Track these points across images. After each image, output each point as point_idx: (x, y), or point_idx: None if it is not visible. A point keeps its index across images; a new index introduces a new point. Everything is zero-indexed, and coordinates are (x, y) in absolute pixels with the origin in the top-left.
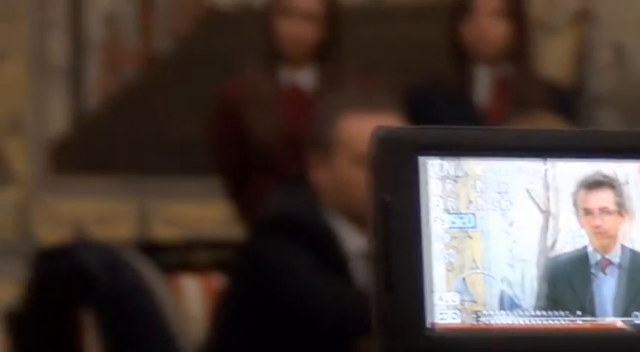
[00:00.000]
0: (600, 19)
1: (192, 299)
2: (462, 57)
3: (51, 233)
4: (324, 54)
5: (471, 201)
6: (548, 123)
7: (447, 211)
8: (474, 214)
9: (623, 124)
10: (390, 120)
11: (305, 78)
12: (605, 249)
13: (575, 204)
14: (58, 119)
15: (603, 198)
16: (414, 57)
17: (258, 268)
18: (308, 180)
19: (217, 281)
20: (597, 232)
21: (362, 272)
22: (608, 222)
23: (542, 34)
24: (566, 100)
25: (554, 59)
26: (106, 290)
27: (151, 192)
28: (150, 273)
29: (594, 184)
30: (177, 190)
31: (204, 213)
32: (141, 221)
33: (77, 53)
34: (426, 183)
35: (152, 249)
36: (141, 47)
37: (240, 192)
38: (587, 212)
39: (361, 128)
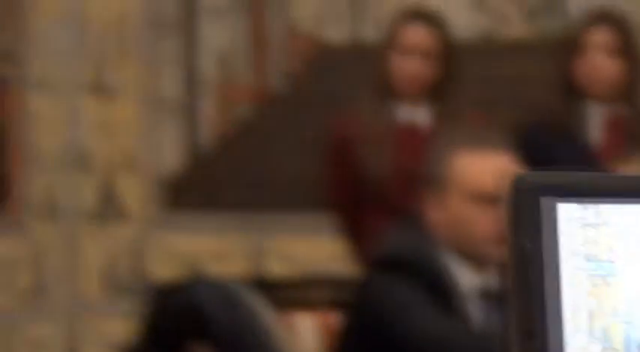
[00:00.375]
0: None
1: (306, 336)
2: (573, 94)
3: (165, 270)
4: (438, 91)
5: (611, 248)
6: None
7: (587, 258)
8: (614, 262)
9: None
10: (504, 159)
11: (419, 115)
12: None
13: None
14: (171, 156)
15: None
16: (527, 93)
17: (373, 305)
18: (422, 217)
19: (332, 318)
20: None
21: (476, 311)
22: None
23: None
24: None
25: None
26: (221, 327)
27: (265, 228)
28: (264, 310)
29: None
30: (291, 226)
31: (318, 249)
32: (255, 257)
33: (191, 90)
34: (566, 229)
35: (266, 286)
36: (254, 84)
37: (354, 228)
38: None
39: (475, 166)
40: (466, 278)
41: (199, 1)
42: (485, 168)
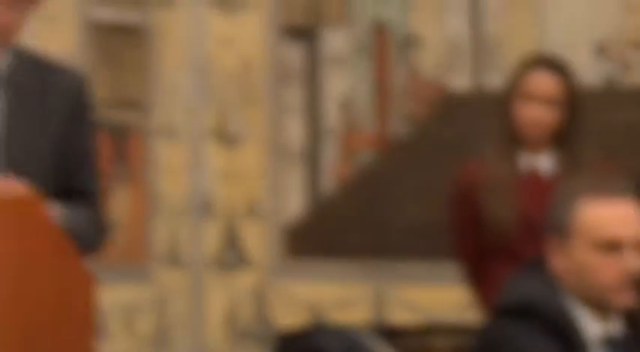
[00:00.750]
0: None
1: None
2: None
3: (287, 316)
4: (562, 138)
5: None
6: None
7: None
8: None
9: None
10: (629, 206)
11: (544, 163)
12: None
13: None
14: (294, 203)
15: None
16: None
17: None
18: (547, 265)
19: None
20: None
21: None
22: None
23: None
24: None
25: None
26: None
27: (387, 275)
28: None
29: None
30: (413, 274)
31: (440, 297)
32: (377, 305)
33: (314, 137)
34: None
35: (390, 334)
36: (376, 131)
37: (478, 276)
38: None
39: (600, 214)
40: (590, 327)
41: (322, 49)
42: (609, 215)
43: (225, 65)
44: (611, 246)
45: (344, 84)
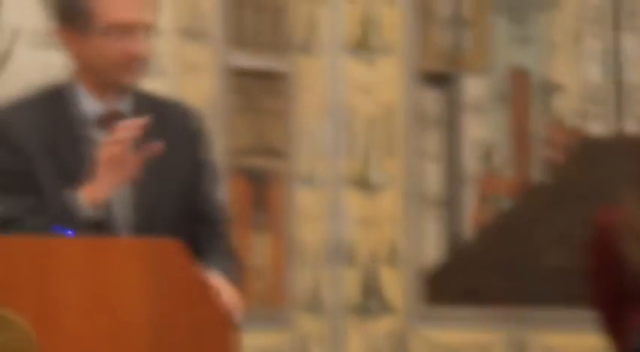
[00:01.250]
0: None
1: None
2: None
3: None
4: None
5: None
6: None
7: None
8: None
9: None
10: None
11: None
12: None
13: None
14: (432, 249)
15: None
16: None
17: None
18: None
19: None
20: None
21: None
22: None
23: None
24: None
25: None
26: None
27: (524, 321)
28: None
29: None
30: (550, 320)
31: (577, 343)
32: (516, 351)
33: (452, 184)
34: None
35: None
36: (515, 177)
37: (615, 323)
38: None
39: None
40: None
41: (461, 96)
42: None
43: (364, 111)
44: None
45: (482, 130)
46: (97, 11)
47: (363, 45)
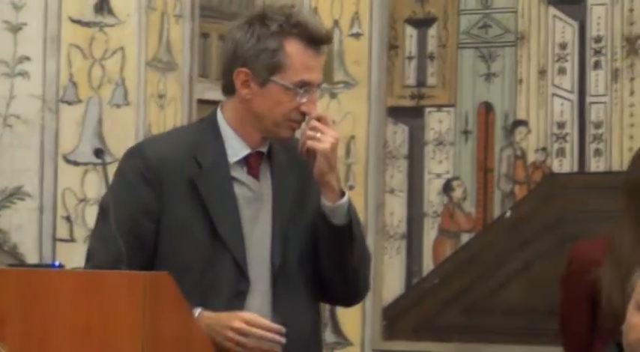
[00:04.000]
0: None
1: None
2: None
3: None
4: None
5: None
6: None
7: None
8: None
9: None
10: None
11: None
12: None
13: None
14: (392, 283)
15: None
16: None
17: None
18: None
19: None
20: None
21: None
22: None
23: None
24: None
25: None
26: None
27: None
28: None
29: None
30: None
31: None
32: None
33: (413, 218)
34: None
35: None
36: (477, 212)
37: None
38: None
39: None
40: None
41: (425, 130)
42: None
43: None
44: None
45: (445, 165)
46: (293, 67)
47: (328, 79)
